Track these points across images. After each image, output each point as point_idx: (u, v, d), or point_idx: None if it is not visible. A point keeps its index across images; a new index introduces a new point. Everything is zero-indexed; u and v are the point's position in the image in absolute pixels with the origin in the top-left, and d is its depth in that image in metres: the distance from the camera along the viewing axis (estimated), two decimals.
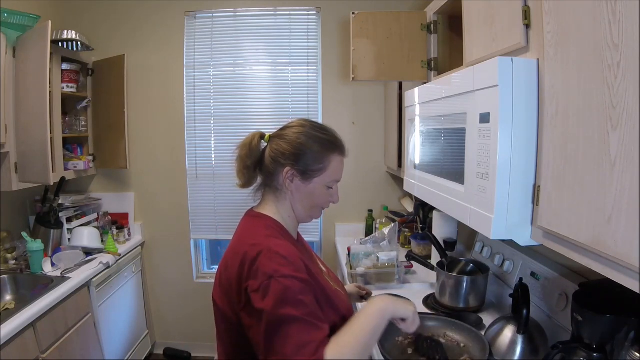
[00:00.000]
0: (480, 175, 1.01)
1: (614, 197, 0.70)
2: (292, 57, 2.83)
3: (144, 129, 2.87)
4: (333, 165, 1.07)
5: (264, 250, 0.93)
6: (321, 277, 1.06)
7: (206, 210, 2.95)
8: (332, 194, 1.11)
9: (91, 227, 2.55)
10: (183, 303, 3.00)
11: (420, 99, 1.53)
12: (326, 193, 1.09)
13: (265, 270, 0.90)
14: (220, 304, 1.01)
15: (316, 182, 1.07)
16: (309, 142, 1.05)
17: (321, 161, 1.06)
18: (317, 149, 1.05)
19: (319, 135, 1.07)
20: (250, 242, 0.97)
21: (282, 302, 0.86)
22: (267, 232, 1.02)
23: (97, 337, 2.23)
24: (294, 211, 1.10)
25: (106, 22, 2.79)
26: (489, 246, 1.85)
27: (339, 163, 1.09)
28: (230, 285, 0.96)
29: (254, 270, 0.91)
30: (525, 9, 0.98)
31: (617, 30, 0.68)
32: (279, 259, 0.92)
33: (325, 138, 1.07)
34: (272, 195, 1.10)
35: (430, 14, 1.76)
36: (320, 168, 1.06)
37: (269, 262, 0.91)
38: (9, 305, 1.87)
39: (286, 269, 0.90)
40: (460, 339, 1.32)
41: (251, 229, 1.06)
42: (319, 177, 1.06)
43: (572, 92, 0.81)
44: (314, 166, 1.05)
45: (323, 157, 1.06)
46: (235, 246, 1.02)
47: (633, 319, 0.92)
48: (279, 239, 1.01)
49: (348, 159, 1.13)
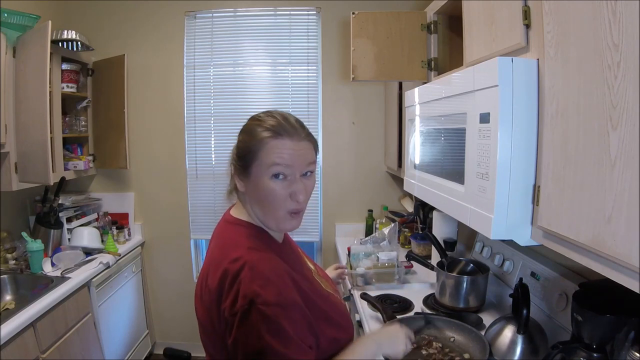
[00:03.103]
0: (480, 175, 1.01)
1: (614, 197, 0.70)
2: (292, 57, 2.83)
3: (144, 129, 2.87)
4: (268, 148, 0.92)
5: (246, 266, 0.85)
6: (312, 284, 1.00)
7: (206, 210, 2.94)
8: (283, 186, 0.92)
9: (91, 227, 2.56)
10: (183, 303, 3.00)
11: (420, 99, 1.53)
12: (276, 187, 0.92)
13: (246, 292, 0.82)
14: (201, 318, 0.95)
15: (255, 172, 0.93)
16: (242, 133, 0.99)
17: (251, 146, 0.93)
18: (247, 136, 0.96)
19: (250, 122, 0.99)
20: (232, 257, 0.88)
21: (262, 332, 0.79)
22: (249, 243, 0.93)
23: (97, 337, 2.23)
24: (257, 215, 0.98)
25: (106, 22, 2.80)
26: (489, 246, 1.85)
27: (275, 145, 0.92)
28: (210, 302, 0.89)
29: (234, 290, 0.83)
30: (525, 9, 0.98)
31: (617, 30, 0.68)
32: (261, 280, 0.83)
33: (255, 123, 0.97)
34: (241, 199, 1.03)
35: (430, 14, 1.76)
36: (252, 153, 0.93)
37: (250, 282, 0.83)
38: (9, 305, 1.87)
39: (269, 294, 0.82)
40: (460, 339, 1.32)
41: (232, 239, 0.96)
42: (254, 166, 0.93)
43: (572, 92, 0.81)
44: (247, 156, 0.94)
45: (253, 141, 0.94)
46: (216, 258, 0.94)
47: (633, 319, 0.92)
48: (262, 250, 0.92)
49: (348, 159, 1.11)
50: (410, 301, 1.75)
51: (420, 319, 1.39)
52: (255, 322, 0.80)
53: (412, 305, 1.72)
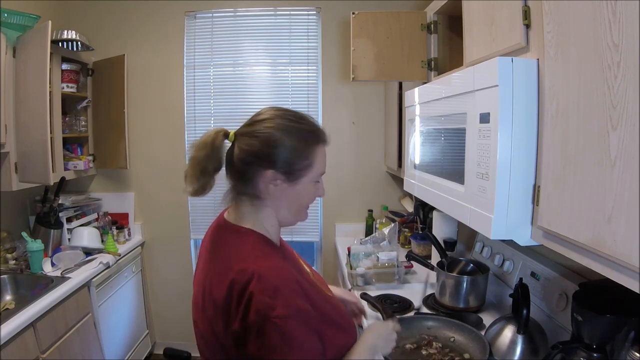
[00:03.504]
0: (480, 175, 1.01)
1: (614, 197, 0.70)
2: (292, 57, 2.83)
3: (144, 129, 2.87)
4: (319, 158, 0.94)
5: (254, 277, 0.82)
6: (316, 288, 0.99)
7: (206, 210, 2.94)
8: (318, 188, 0.98)
9: (91, 227, 2.55)
10: (183, 303, 2.99)
11: (420, 99, 1.53)
12: (313, 189, 0.97)
13: (258, 306, 0.80)
14: (202, 328, 0.92)
15: (304, 182, 0.93)
16: (287, 136, 0.90)
17: (306, 156, 0.91)
18: (297, 143, 0.90)
19: (295, 125, 0.92)
20: (238, 267, 0.85)
21: (278, 346, 0.79)
22: (254, 252, 0.90)
23: (97, 337, 2.22)
24: (278, 217, 0.97)
25: (106, 22, 2.79)
26: (489, 246, 1.85)
27: (323, 154, 0.95)
28: (215, 314, 0.86)
29: (244, 303, 0.81)
30: (525, 9, 0.98)
31: (617, 30, 0.68)
32: (271, 290, 0.81)
33: (304, 128, 0.93)
34: (248, 205, 0.96)
35: (430, 14, 1.76)
36: (306, 165, 0.92)
37: (261, 295, 0.80)
38: (9, 305, 1.87)
39: (280, 306, 0.80)
40: (460, 339, 1.32)
41: (237, 249, 0.92)
42: (306, 176, 0.93)
43: (572, 92, 0.81)
44: (299, 164, 0.91)
45: (306, 151, 0.91)
46: (220, 269, 0.89)
47: (633, 319, 0.92)
48: (269, 258, 0.90)
49: (348, 159, 1.11)
50: (410, 301, 1.75)
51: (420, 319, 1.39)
52: (270, 335, 0.79)
53: (412, 305, 1.72)
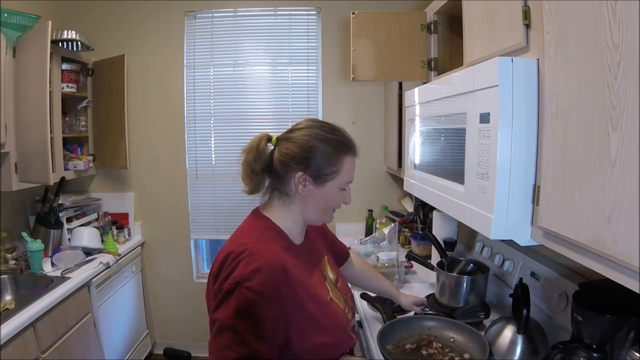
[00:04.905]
0: (480, 175, 1.01)
1: (614, 197, 0.70)
2: (292, 57, 2.83)
3: (144, 129, 2.87)
4: (346, 167, 1.05)
5: (247, 252, 0.93)
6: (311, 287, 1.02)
7: (206, 210, 2.95)
8: (344, 195, 1.09)
9: (91, 227, 2.56)
10: (183, 303, 3.00)
11: (420, 99, 1.53)
12: (339, 195, 1.07)
13: (236, 274, 0.89)
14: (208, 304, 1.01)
15: (330, 186, 1.04)
16: (320, 144, 1.02)
17: (334, 164, 1.03)
18: (328, 151, 1.02)
19: (329, 136, 1.04)
20: (239, 242, 0.97)
21: (236, 312, 0.86)
22: (261, 235, 1.01)
23: (97, 337, 2.22)
24: (304, 215, 1.08)
25: (106, 22, 2.80)
26: (489, 246, 1.85)
27: (351, 164, 1.07)
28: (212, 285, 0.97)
29: (230, 269, 0.91)
30: (525, 9, 0.98)
31: (617, 30, 0.68)
32: (255, 268, 0.90)
33: (336, 139, 1.05)
34: (279, 200, 1.07)
35: (430, 14, 1.76)
36: (333, 171, 1.03)
37: (244, 267, 0.90)
38: (9, 305, 1.87)
39: (256, 282, 0.88)
40: (460, 339, 1.32)
41: (247, 229, 1.05)
42: (332, 181, 1.04)
43: (572, 92, 0.81)
44: (327, 169, 1.02)
45: (335, 159, 1.03)
46: (226, 244, 1.02)
47: (633, 319, 0.92)
48: (270, 243, 0.99)
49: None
50: None
51: (420, 319, 1.39)
52: (234, 301, 0.87)
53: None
